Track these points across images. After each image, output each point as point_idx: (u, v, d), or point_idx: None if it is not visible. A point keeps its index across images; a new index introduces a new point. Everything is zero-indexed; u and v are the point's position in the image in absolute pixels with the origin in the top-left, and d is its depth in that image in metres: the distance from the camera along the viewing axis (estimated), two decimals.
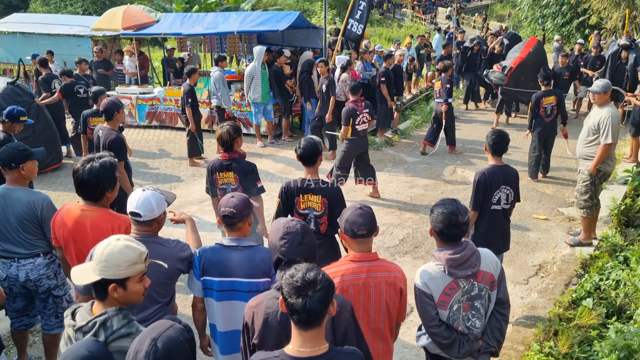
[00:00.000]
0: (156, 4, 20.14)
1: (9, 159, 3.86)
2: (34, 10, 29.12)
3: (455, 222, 2.83)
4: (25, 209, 3.82)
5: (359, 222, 2.77)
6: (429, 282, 2.89)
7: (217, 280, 3.04)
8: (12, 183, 3.92)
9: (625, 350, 3.89)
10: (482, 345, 3.00)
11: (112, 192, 3.31)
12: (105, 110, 5.75)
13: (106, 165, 3.20)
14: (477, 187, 4.56)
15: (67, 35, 13.52)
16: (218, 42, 12.80)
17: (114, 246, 2.26)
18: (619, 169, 8.55)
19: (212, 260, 3.06)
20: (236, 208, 3.03)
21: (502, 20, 37.58)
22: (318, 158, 4.17)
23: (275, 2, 30.91)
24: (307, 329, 2.04)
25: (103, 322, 2.20)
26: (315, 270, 2.07)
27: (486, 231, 4.65)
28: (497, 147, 4.58)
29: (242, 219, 3.05)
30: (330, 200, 4.13)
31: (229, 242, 3.07)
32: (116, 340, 2.19)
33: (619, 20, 18.58)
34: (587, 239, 6.32)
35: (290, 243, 2.54)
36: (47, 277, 3.97)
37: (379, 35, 30.80)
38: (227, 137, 4.58)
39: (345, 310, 2.46)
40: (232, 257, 3.03)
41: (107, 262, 2.23)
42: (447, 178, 9.00)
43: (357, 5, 12.01)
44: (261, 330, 2.45)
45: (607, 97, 6.00)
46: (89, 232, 3.23)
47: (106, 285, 2.25)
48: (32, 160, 3.97)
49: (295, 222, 2.63)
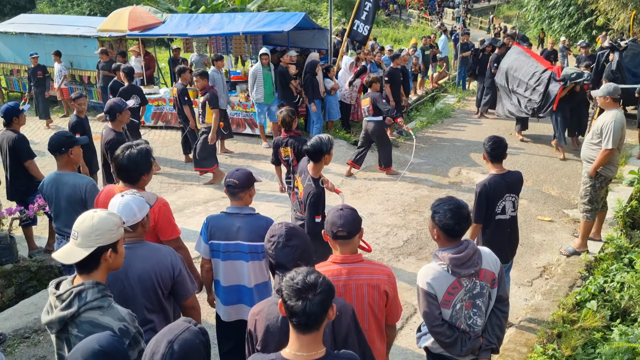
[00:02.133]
0: (162, 5, 20.19)
1: (59, 145, 4.34)
2: (41, 10, 29.28)
3: (464, 215, 2.87)
4: (71, 191, 4.31)
5: (337, 223, 2.75)
6: (432, 281, 2.89)
7: (223, 243, 3.51)
8: (61, 168, 4.42)
9: (629, 353, 3.88)
10: (483, 342, 3.02)
11: (147, 176, 3.61)
12: (108, 110, 5.80)
13: (142, 152, 3.52)
14: (480, 199, 4.39)
15: (73, 36, 13.55)
16: (224, 42, 12.82)
17: (98, 216, 2.46)
18: (625, 170, 8.51)
19: (218, 226, 3.52)
20: (239, 179, 3.48)
21: (508, 22, 37.50)
22: (323, 157, 4.43)
23: (281, 3, 30.96)
24: (305, 333, 2.03)
25: (78, 293, 2.33)
26: (315, 274, 2.07)
27: (492, 241, 4.46)
28: (496, 153, 4.40)
29: (244, 189, 3.50)
30: (304, 196, 4.48)
31: (232, 210, 3.54)
32: (87, 311, 2.32)
33: (626, 21, 18.48)
34: (582, 246, 6.19)
35: (275, 245, 2.60)
36: None
37: (385, 36, 30.77)
38: (288, 118, 5.66)
39: (346, 315, 2.44)
40: (235, 222, 3.50)
41: (100, 229, 2.42)
42: (452, 179, 8.98)
43: (362, 6, 12.03)
44: (263, 336, 2.46)
45: (610, 101, 5.95)
46: None
47: (99, 254, 2.42)
48: (78, 146, 4.48)
49: (280, 225, 2.67)
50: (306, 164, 4.55)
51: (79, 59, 13.71)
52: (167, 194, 8.36)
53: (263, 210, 4.78)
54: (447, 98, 15.66)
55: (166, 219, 3.50)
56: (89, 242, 2.39)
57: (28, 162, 5.83)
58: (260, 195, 7.24)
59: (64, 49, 13.39)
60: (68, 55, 13.48)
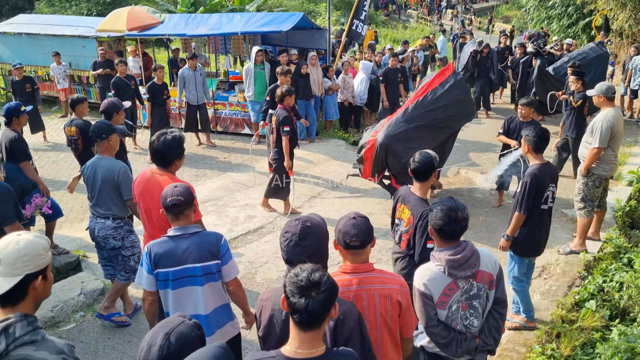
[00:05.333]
0: (161, 6, 20.15)
1: (100, 132, 4.62)
2: (40, 11, 29.22)
3: (455, 218, 2.80)
4: (106, 174, 4.57)
5: (351, 232, 2.62)
6: (428, 282, 2.87)
7: (172, 270, 3.20)
8: (101, 153, 4.68)
9: (628, 352, 3.86)
10: (479, 343, 3.00)
11: (180, 161, 3.95)
12: (104, 111, 5.80)
13: (176, 138, 3.84)
14: (530, 190, 4.41)
15: (72, 36, 13.53)
16: (222, 42, 12.81)
17: (24, 239, 2.17)
18: (624, 169, 8.50)
19: (162, 252, 3.20)
20: (182, 196, 3.21)
21: (507, 22, 37.50)
22: (433, 174, 3.93)
23: (280, 4, 30.92)
24: (307, 330, 2.02)
25: (5, 328, 2.04)
26: (320, 272, 2.04)
27: (533, 232, 4.53)
28: (542, 143, 4.47)
29: (190, 205, 3.26)
30: (415, 219, 3.86)
31: (175, 232, 3.25)
32: (19, 347, 2.04)
33: (624, 21, 18.49)
34: (580, 245, 6.19)
35: (288, 242, 2.53)
36: (113, 238, 4.72)
37: (384, 37, 30.74)
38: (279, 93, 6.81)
39: (350, 319, 2.40)
40: (181, 245, 3.21)
41: (27, 254, 2.13)
42: (451, 179, 8.97)
43: (361, 6, 12.02)
44: (266, 324, 2.48)
45: (605, 100, 5.97)
46: (154, 192, 3.83)
47: (27, 283, 2.14)
48: (116, 134, 4.72)
49: (298, 222, 2.56)
50: (407, 190, 4.02)
51: (78, 59, 13.67)
52: None
53: None
54: None
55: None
56: (14, 270, 2.10)
57: (24, 163, 5.81)
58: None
59: (62, 49, 13.38)
60: (67, 55, 13.46)
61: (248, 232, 7.02)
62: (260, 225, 7.21)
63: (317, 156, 10.20)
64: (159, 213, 3.80)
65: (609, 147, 5.92)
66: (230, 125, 11.67)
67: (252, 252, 6.46)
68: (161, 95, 9.92)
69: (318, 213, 7.97)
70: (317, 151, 10.48)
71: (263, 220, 7.36)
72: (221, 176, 9.21)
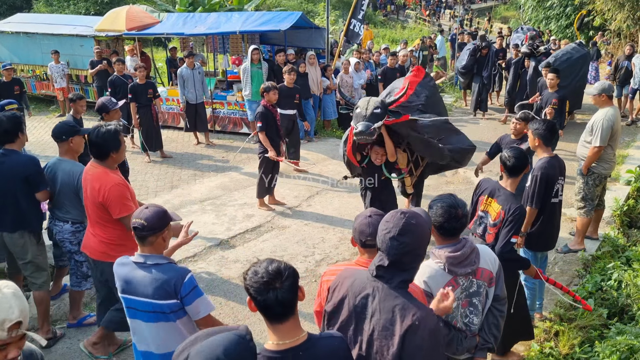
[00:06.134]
0: (159, 6, 20.12)
1: (60, 132, 4.49)
2: (38, 10, 29.16)
3: (454, 215, 2.80)
4: (66, 178, 4.45)
5: (366, 232, 2.62)
6: (428, 280, 2.86)
7: (124, 297, 2.93)
8: (62, 155, 4.56)
9: (626, 351, 3.85)
10: (479, 341, 2.99)
11: (116, 154, 3.89)
12: (98, 109, 5.80)
13: (111, 131, 3.81)
14: (540, 183, 4.44)
15: (70, 36, 13.51)
16: (220, 42, 12.80)
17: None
18: (622, 169, 8.50)
19: (120, 274, 2.93)
20: (147, 220, 2.82)
21: (506, 22, 37.52)
22: (525, 168, 3.91)
23: (279, 4, 30.89)
24: (283, 321, 2.01)
25: None
26: (275, 262, 2.03)
27: (546, 227, 4.54)
28: (552, 136, 4.48)
29: (154, 232, 2.84)
30: (507, 214, 3.78)
31: (136, 258, 2.90)
32: None
33: (622, 21, 18.51)
34: (579, 244, 6.20)
35: (386, 233, 2.25)
36: (69, 242, 4.63)
37: (383, 37, 30.75)
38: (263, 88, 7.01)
39: (424, 328, 2.16)
40: (136, 274, 2.86)
41: None
42: (449, 178, 8.97)
43: (359, 6, 12.01)
44: (337, 304, 2.36)
45: (606, 98, 5.98)
46: (88, 185, 3.90)
47: None
48: (79, 135, 4.57)
49: (402, 215, 2.26)
50: (494, 184, 3.97)
51: (76, 59, 13.67)
52: (162, 192, 8.34)
53: None
54: (445, 98, 15.61)
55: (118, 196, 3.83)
56: None
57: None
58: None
59: (60, 48, 13.37)
60: (65, 54, 13.46)
61: (246, 230, 7.01)
62: (258, 224, 7.20)
63: (315, 155, 10.21)
64: (94, 208, 3.90)
65: (608, 146, 5.94)
66: (228, 124, 11.67)
67: (250, 251, 6.45)
68: (145, 94, 9.64)
69: (316, 212, 7.95)
70: (316, 150, 10.50)
71: (261, 219, 7.35)
72: (219, 175, 9.20)
